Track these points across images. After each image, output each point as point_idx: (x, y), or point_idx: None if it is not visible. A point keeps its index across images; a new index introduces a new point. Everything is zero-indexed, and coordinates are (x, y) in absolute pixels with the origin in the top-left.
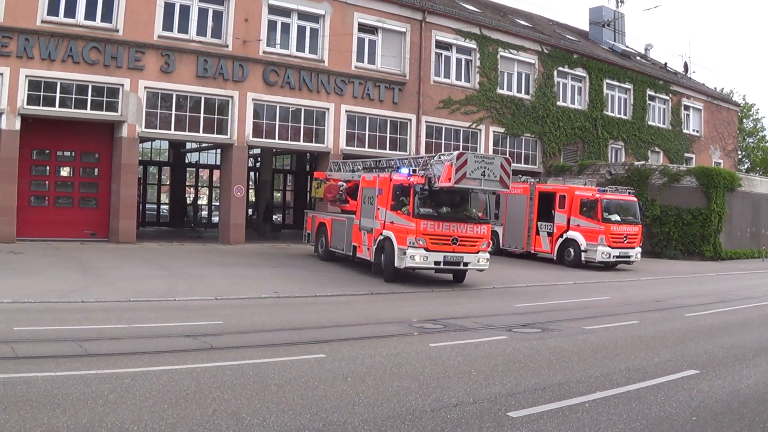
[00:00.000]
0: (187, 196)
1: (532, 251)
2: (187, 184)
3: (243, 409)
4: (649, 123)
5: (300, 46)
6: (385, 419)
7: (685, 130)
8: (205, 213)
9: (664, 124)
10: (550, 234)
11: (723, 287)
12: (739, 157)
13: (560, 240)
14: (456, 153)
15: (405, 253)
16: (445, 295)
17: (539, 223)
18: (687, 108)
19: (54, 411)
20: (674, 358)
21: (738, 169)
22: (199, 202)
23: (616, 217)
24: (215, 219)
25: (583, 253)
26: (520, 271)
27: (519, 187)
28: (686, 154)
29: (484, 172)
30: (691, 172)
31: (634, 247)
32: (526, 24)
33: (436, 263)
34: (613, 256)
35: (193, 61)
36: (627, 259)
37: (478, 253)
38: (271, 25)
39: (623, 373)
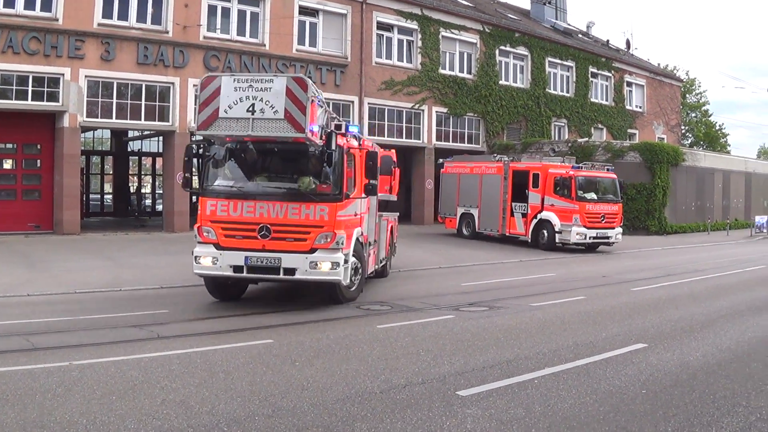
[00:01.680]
0: (130, 185)
1: (507, 234)
2: (131, 172)
3: (192, 397)
4: (592, 100)
5: (241, 31)
6: (334, 402)
7: (628, 107)
8: (149, 201)
9: (606, 100)
10: (524, 215)
11: (669, 261)
12: (683, 131)
13: (534, 221)
14: (204, 77)
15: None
16: (391, 276)
17: (513, 204)
18: (630, 84)
19: (2, 407)
20: (622, 332)
21: (681, 143)
22: (143, 190)
23: (592, 196)
24: (159, 207)
25: (557, 235)
26: (470, 252)
27: (493, 167)
28: (629, 130)
29: (253, 105)
30: (634, 148)
31: (613, 227)
32: (468, 4)
33: (235, 269)
34: (590, 237)
35: (133, 49)
36: (606, 240)
37: (311, 252)
38: (212, 9)
39: (571, 348)
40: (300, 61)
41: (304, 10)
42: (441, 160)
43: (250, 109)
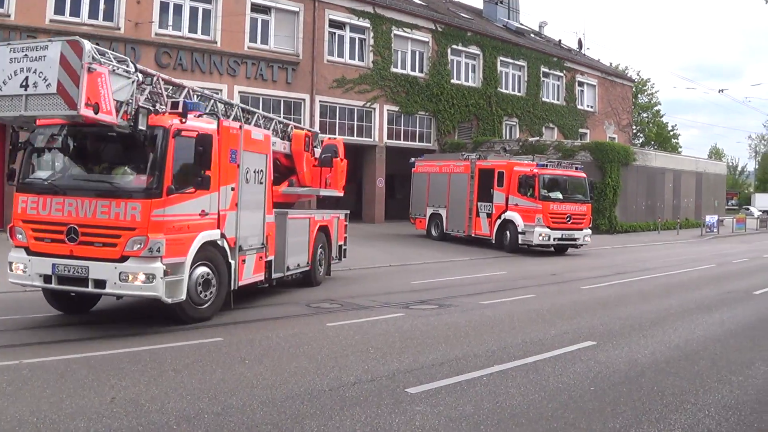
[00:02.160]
0: None
1: (473, 235)
2: None
3: (141, 395)
4: (544, 99)
5: (192, 28)
6: (284, 400)
7: (579, 106)
8: None
9: (558, 100)
10: (489, 215)
11: (619, 260)
12: (634, 131)
13: (498, 221)
14: None
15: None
16: (339, 276)
17: (479, 204)
18: (581, 84)
19: None
20: (571, 330)
21: (633, 143)
22: None
23: (557, 195)
24: None
25: (520, 236)
26: (420, 250)
27: (461, 165)
28: (581, 130)
29: (27, 79)
30: (585, 148)
31: (581, 229)
32: (420, 2)
33: (45, 279)
34: (554, 239)
35: None
36: (573, 242)
37: (122, 261)
38: (164, 6)
39: (520, 346)
40: (251, 59)
41: (257, 8)
42: (412, 160)
43: (24, 83)
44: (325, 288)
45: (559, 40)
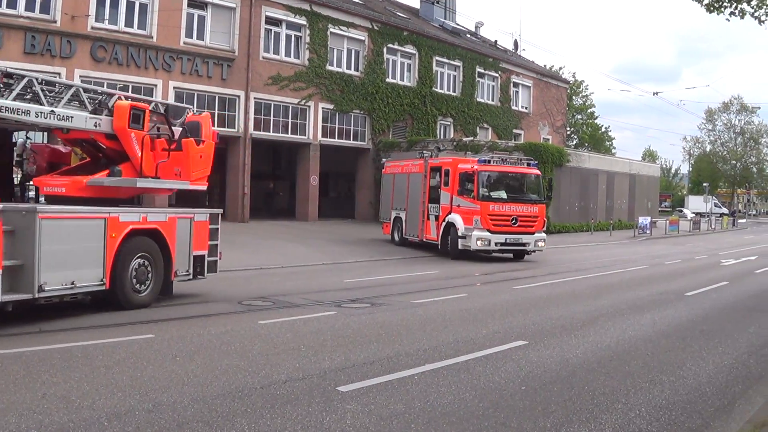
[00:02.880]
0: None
1: (425, 239)
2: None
3: (73, 391)
4: (479, 100)
5: (129, 22)
6: (214, 397)
7: (514, 107)
8: None
9: (493, 100)
10: (437, 217)
11: (552, 260)
12: (568, 132)
13: (444, 224)
14: None
15: None
16: (273, 273)
17: (429, 206)
18: (516, 85)
19: None
20: (503, 329)
21: (567, 144)
22: None
23: (500, 194)
24: None
25: (460, 240)
26: (353, 248)
27: (417, 164)
28: (515, 131)
29: None
30: (519, 148)
31: (531, 232)
32: (357, 1)
33: None
34: (497, 243)
35: (20, 38)
36: (521, 248)
37: None
38: (100, 0)
39: (452, 345)
40: (187, 54)
41: (193, 3)
42: (383, 160)
43: None
44: (256, 285)
45: (495, 41)
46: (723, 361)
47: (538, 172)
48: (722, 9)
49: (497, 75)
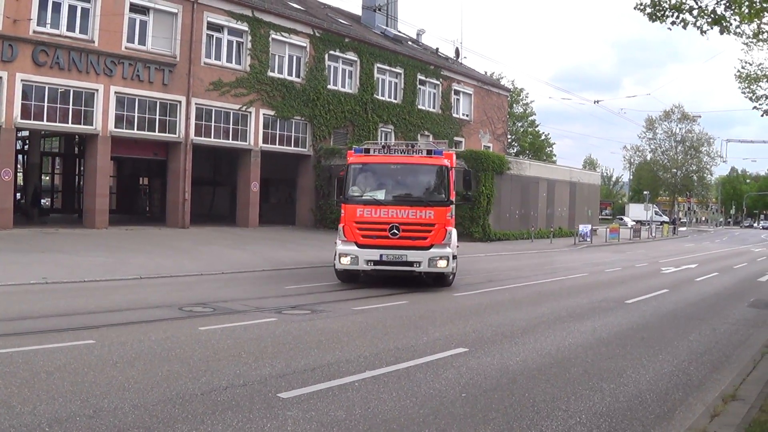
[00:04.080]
0: None
1: None
2: None
3: (13, 397)
4: (420, 107)
5: (71, 26)
6: (155, 404)
7: (455, 114)
8: None
9: (434, 108)
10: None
11: (492, 268)
12: (509, 140)
13: None
14: None
15: None
16: (213, 279)
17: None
18: (457, 93)
19: None
20: (443, 336)
21: (507, 152)
22: None
23: (375, 194)
24: None
25: (335, 258)
26: (292, 255)
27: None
28: (456, 138)
29: None
30: (460, 156)
31: (424, 246)
32: (299, 7)
33: None
34: (368, 262)
35: None
36: (406, 269)
37: None
38: (42, 3)
39: (392, 352)
40: (129, 59)
41: (135, 8)
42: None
43: None
44: (196, 292)
45: (437, 49)
46: (663, 369)
47: (444, 162)
48: (664, 18)
49: (438, 82)
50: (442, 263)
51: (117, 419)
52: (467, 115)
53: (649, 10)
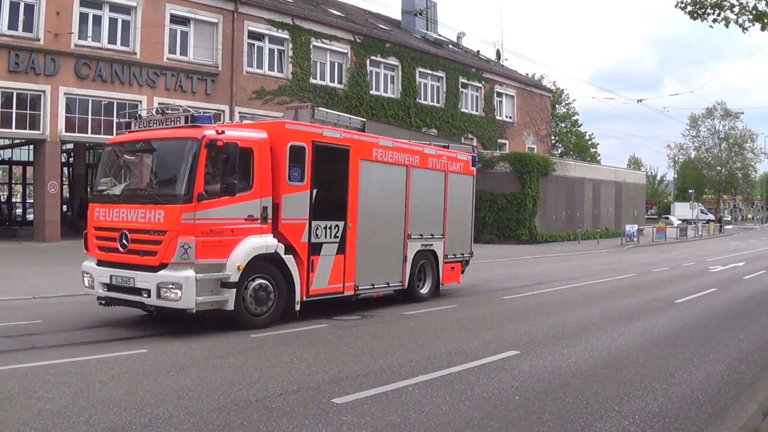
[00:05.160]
0: (0, 193)
1: None
2: (0, 181)
3: (69, 407)
4: (463, 110)
5: (112, 39)
6: (210, 411)
7: (498, 117)
8: (19, 210)
9: (477, 111)
10: None
11: (540, 270)
12: (553, 141)
13: None
14: None
15: None
16: None
17: None
18: (500, 95)
19: None
20: (494, 339)
21: (552, 153)
22: (13, 199)
23: (116, 188)
24: (30, 216)
25: None
26: None
27: None
28: (500, 140)
29: None
30: (504, 158)
31: (154, 266)
32: (339, 14)
33: None
34: (102, 285)
35: (4, 56)
36: (136, 299)
37: None
38: (83, 17)
39: (444, 356)
40: (171, 70)
41: (176, 19)
42: None
43: None
44: None
45: (478, 51)
46: (714, 368)
47: (199, 134)
48: (705, 16)
49: (480, 85)
50: (174, 294)
51: (173, 427)
52: (510, 117)
53: (690, 8)
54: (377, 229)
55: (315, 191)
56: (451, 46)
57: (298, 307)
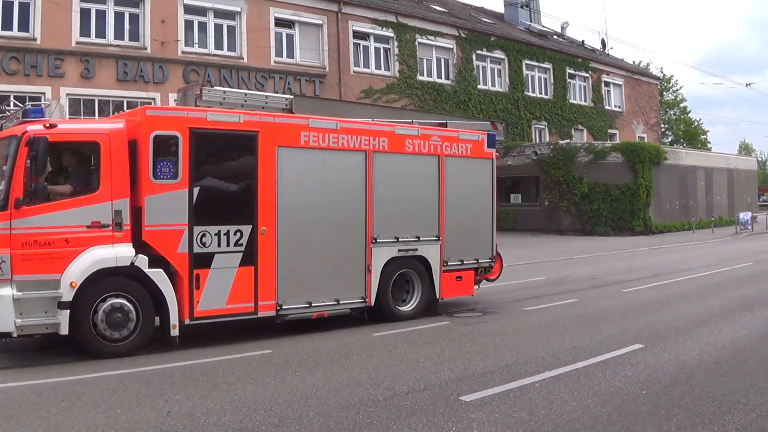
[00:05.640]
0: None
1: None
2: None
3: (197, 408)
4: (571, 101)
5: (218, 44)
6: (339, 410)
7: (607, 107)
8: None
9: (585, 101)
10: None
11: (656, 261)
12: (663, 129)
13: None
14: None
15: None
16: None
17: None
18: (607, 84)
19: (8, 423)
20: (617, 333)
21: (662, 142)
22: None
23: None
24: None
25: None
26: None
27: None
28: (610, 131)
29: None
30: (616, 148)
31: None
32: (442, 9)
33: None
34: None
35: (112, 66)
36: None
37: None
38: (188, 24)
39: (569, 351)
40: (279, 73)
41: (280, 22)
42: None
43: None
44: None
45: (582, 41)
46: None
47: (26, 129)
48: None
49: (587, 75)
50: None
51: (303, 427)
52: (619, 107)
53: None
54: (314, 233)
55: (197, 190)
56: (555, 36)
57: (174, 332)
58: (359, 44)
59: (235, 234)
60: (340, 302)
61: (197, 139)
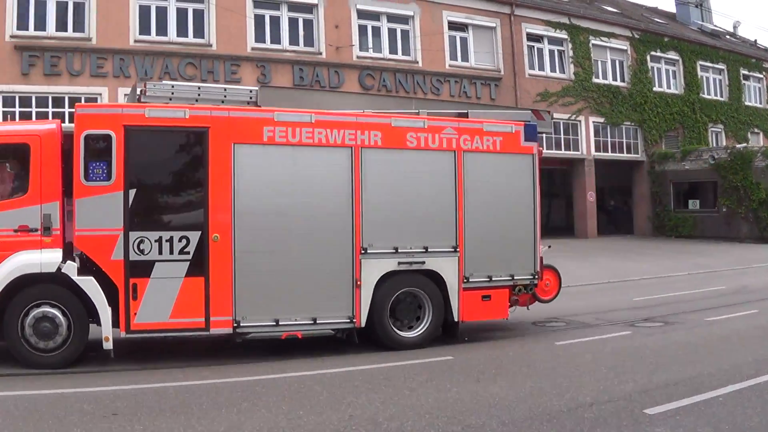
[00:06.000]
0: None
1: None
2: None
3: (379, 413)
4: (746, 103)
5: (392, 49)
6: (523, 420)
7: None
8: None
9: (760, 103)
10: None
11: None
12: None
13: None
14: None
15: None
16: (562, 291)
17: None
18: None
19: (188, 419)
20: None
21: None
22: None
23: None
24: None
25: None
26: (637, 265)
27: None
28: None
29: None
30: None
31: None
32: (614, 10)
33: None
34: None
35: (288, 71)
36: None
37: None
38: (362, 29)
39: (752, 364)
40: (454, 77)
41: (453, 25)
42: None
43: None
44: (547, 305)
45: (755, 40)
46: None
47: None
48: None
49: (762, 76)
50: None
51: None
52: None
53: None
54: (284, 241)
55: (134, 192)
56: (727, 36)
57: (107, 345)
58: (533, 46)
59: (180, 241)
60: (318, 321)
61: (133, 137)
